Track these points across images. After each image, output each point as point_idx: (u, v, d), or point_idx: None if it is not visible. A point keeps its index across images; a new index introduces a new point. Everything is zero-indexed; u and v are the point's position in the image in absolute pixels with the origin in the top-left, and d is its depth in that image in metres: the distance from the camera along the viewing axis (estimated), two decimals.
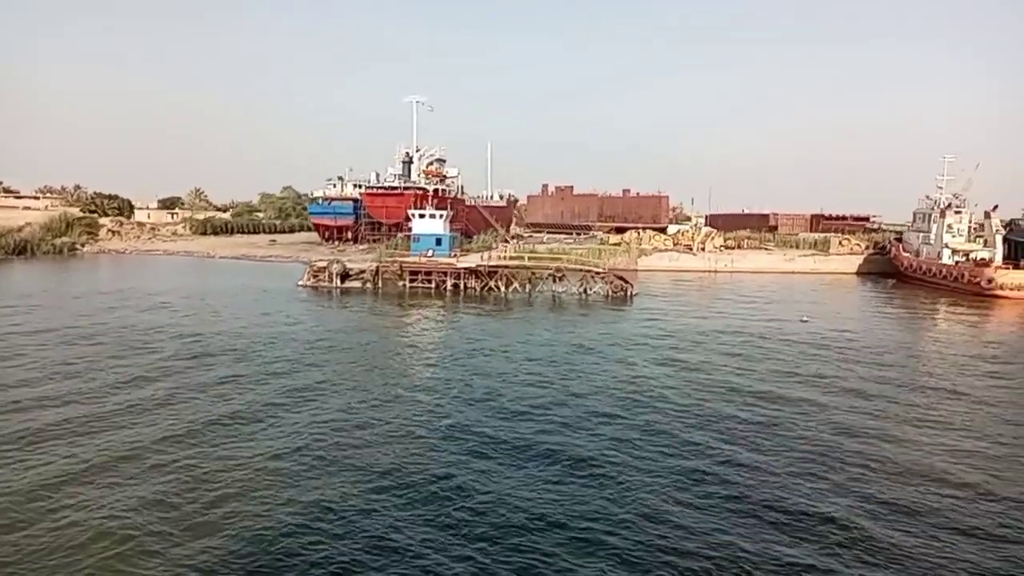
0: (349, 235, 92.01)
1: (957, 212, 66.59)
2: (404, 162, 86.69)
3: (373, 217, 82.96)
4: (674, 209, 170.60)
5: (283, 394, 23.49)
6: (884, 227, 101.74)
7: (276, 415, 21.11)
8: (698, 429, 20.64)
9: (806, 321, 40.89)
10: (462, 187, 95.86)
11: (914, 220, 75.44)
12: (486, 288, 52.55)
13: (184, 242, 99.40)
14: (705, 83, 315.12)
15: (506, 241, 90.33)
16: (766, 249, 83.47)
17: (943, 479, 17.19)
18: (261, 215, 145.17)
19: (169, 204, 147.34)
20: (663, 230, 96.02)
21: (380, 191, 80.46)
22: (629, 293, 51.96)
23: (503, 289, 52.27)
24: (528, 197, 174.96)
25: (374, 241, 79.87)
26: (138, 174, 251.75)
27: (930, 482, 17.01)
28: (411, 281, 53.71)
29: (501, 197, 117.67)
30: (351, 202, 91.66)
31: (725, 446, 19.12)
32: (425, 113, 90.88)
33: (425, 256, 55.96)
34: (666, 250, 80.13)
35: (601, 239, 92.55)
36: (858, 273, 79.54)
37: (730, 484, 16.54)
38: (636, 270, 78.73)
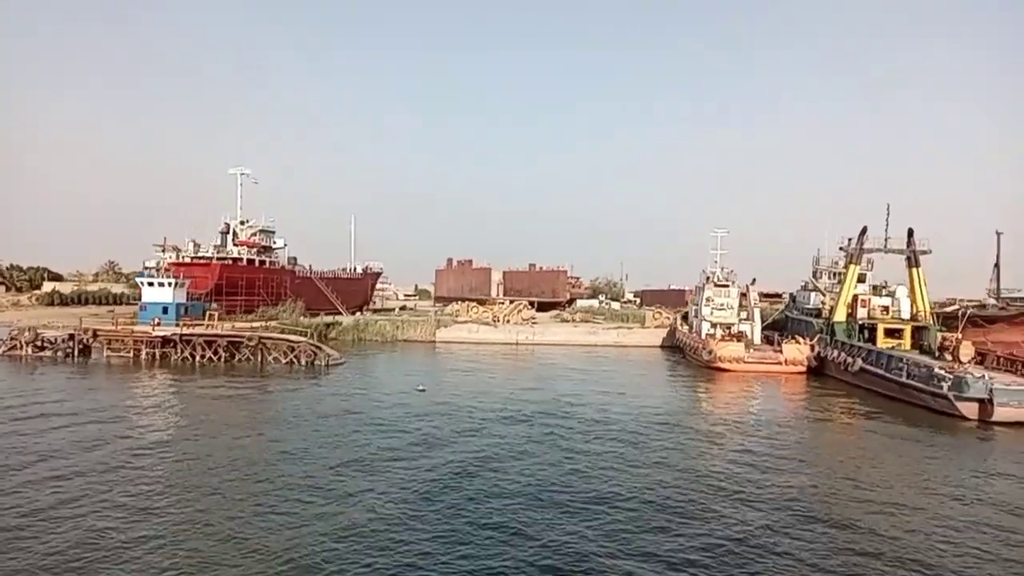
0: None
1: (718, 286, 67.36)
2: (222, 232, 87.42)
3: None
4: (615, 285, 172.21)
5: None
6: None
7: None
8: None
9: (422, 390, 40.29)
10: (295, 258, 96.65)
11: (694, 293, 76.40)
12: (182, 357, 51.71)
13: (12, 312, 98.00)
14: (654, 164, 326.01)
15: (340, 313, 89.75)
16: (573, 322, 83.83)
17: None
18: None
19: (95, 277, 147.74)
20: (483, 304, 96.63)
21: (189, 262, 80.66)
22: (325, 363, 51.49)
23: (198, 358, 51.48)
24: (437, 271, 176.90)
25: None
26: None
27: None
28: (111, 350, 52.81)
29: (364, 270, 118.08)
30: None
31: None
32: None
33: (152, 325, 55.42)
34: (466, 322, 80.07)
35: (455, 312, 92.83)
36: (661, 346, 79.77)
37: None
38: (434, 341, 78.53)
